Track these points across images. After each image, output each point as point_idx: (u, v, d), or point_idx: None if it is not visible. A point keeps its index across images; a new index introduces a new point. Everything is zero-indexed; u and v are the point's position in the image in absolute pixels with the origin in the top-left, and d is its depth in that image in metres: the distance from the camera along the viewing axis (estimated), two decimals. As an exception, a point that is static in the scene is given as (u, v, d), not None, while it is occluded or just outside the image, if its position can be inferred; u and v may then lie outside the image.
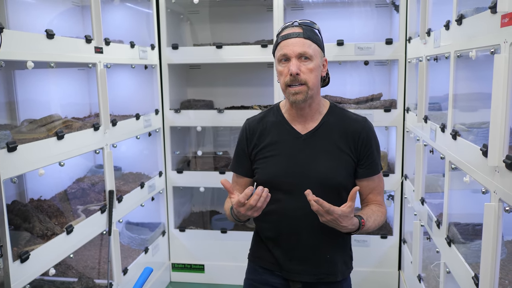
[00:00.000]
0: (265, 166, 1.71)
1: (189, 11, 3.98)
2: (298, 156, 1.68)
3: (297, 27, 1.64)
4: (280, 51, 1.62)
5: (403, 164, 3.43)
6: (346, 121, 1.72)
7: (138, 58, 3.21)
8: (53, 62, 2.22)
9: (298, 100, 1.61)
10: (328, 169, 1.66)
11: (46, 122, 2.43)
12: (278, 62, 1.64)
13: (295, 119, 1.72)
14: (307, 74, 1.59)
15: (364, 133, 1.70)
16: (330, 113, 1.73)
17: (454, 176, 2.15)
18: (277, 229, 1.72)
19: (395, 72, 3.52)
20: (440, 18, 2.42)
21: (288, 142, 1.70)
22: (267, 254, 1.77)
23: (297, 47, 1.59)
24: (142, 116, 3.28)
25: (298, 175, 1.67)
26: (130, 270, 3.02)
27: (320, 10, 3.84)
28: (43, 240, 2.22)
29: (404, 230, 3.48)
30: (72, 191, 2.93)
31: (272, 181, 1.66)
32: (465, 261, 1.89)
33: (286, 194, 1.67)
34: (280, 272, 1.75)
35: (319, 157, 1.67)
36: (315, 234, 1.68)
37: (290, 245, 1.71)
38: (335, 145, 1.68)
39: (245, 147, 1.78)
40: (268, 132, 1.74)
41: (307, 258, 1.71)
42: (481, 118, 2.00)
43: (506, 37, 1.46)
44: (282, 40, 1.63)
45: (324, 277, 1.72)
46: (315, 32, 1.66)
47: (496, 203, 1.51)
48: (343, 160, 1.68)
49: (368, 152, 1.70)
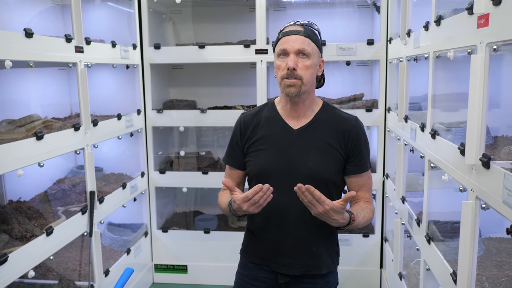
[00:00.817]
0: (256, 159, 1.77)
1: (172, 10, 3.96)
2: (289, 150, 1.74)
3: (298, 25, 1.72)
4: (280, 46, 1.70)
5: (384, 164, 3.47)
6: (337, 119, 1.78)
7: (119, 58, 3.19)
8: (32, 62, 2.19)
9: (291, 92, 1.68)
10: (317, 164, 1.72)
11: (25, 122, 2.39)
12: (277, 57, 1.72)
13: (288, 114, 1.78)
14: (303, 70, 1.67)
15: (354, 131, 1.76)
16: (323, 111, 1.79)
17: (433, 175, 2.19)
18: (267, 221, 1.78)
19: (377, 73, 3.55)
20: (420, 19, 2.45)
21: (280, 137, 1.76)
22: (257, 249, 1.84)
23: (297, 44, 1.67)
24: (124, 116, 3.26)
25: (288, 168, 1.72)
26: (112, 271, 2.99)
27: (302, 11, 3.86)
28: (22, 242, 2.19)
29: (386, 228, 3.52)
30: (53, 192, 2.89)
31: (262, 174, 1.73)
32: (444, 258, 1.92)
33: (275, 187, 1.69)
34: (268, 265, 1.80)
35: (309, 152, 1.73)
36: (302, 227, 1.74)
37: (279, 238, 1.77)
38: (325, 142, 1.74)
39: (238, 140, 1.84)
40: (262, 126, 1.80)
41: (294, 251, 1.77)
42: (459, 118, 2.03)
43: (482, 37, 1.49)
44: (283, 36, 1.71)
45: (309, 269, 1.78)
46: (315, 32, 1.74)
47: (473, 200, 1.54)
48: (333, 156, 1.74)
49: (358, 150, 1.76)
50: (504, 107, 2.07)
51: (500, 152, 1.64)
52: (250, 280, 1.85)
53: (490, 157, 1.43)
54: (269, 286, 1.83)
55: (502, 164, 1.45)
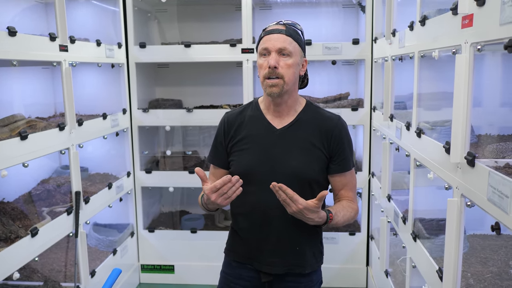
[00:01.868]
0: (239, 158, 1.78)
1: (157, 9, 3.94)
2: (272, 149, 1.74)
3: (281, 25, 1.72)
4: (262, 45, 1.70)
5: (370, 162, 3.50)
6: (320, 118, 1.78)
7: (104, 57, 3.16)
8: (15, 60, 2.16)
9: (273, 93, 1.68)
10: (300, 163, 1.72)
11: (8, 122, 2.35)
12: (259, 56, 1.72)
13: (272, 113, 1.79)
14: (284, 69, 1.67)
15: (337, 130, 1.76)
16: (306, 110, 1.80)
17: (419, 173, 2.21)
18: (250, 220, 1.79)
19: (362, 72, 3.58)
20: (404, 19, 2.48)
21: (263, 136, 1.77)
22: (241, 247, 1.84)
23: (278, 42, 1.67)
24: (109, 115, 3.23)
25: (271, 168, 1.73)
26: (98, 272, 2.96)
27: (288, 10, 3.87)
28: (6, 243, 2.15)
29: (372, 226, 3.55)
30: (37, 193, 2.86)
31: (246, 173, 1.70)
32: (429, 256, 1.95)
33: (259, 186, 1.72)
34: (252, 264, 1.81)
35: (292, 151, 1.74)
36: (285, 226, 1.74)
37: (262, 237, 1.78)
38: (308, 141, 1.74)
39: (222, 139, 1.84)
40: (245, 126, 1.80)
41: (277, 249, 1.77)
42: (444, 117, 2.06)
43: (466, 37, 1.51)
44: (265, 35, 1.71)
45: (292, 268, 1.78)
46: (298, 32, 1.74)
47: (459, 198, 1.56)
48: (316, 156, 1.74)
49: (340, 149, 1.76)
50: (485, 106, 2.10)
51: (484, 150, 1.66)
52: (234, 279, 1.86)
53: (475, 156, 1.46)
54: (253, 285, 1.84)
55: (487, 162, 1.47)
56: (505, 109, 2.15)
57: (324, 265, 1.94)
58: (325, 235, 3.56)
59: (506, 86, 2.14)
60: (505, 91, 2.13)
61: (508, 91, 2.13)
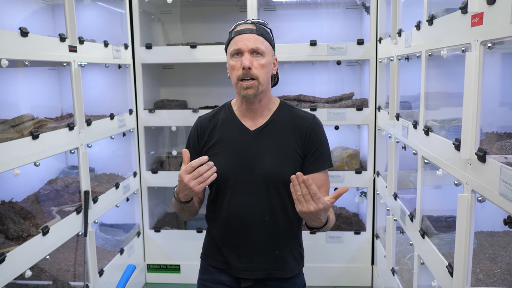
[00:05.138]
0: (213, 163, 1.62)
1: (161, 11, 3.96)
2: (246, 152, 1.69)
3: (250, 24, 1.68)
4: (234, 45, 1.64)
5: (375, 161, 3.52)
6: (294, 118, 1.74)
7: (111, 58, 3.18)
8: (27, 61, 2.18)
9: (249, 95, 1.64)
10: (274, 165, 1.67)
11: (19, 122, 2.37)
12: (230, 57, 1.66)
13: (245, 115, 1.74)
14: (258, 70, 1.63)
15: (311, 129, 1.71)
16: (280, 110, 1.76)
17: (426, 171, 2.23)
18: (226, 226, 1.72)
19: (366, 72, 3.61)
20: (409, 19, 2.50)
21: (236, 139, 1.71)
22: (218, 253, 1.77)
23: (250, 42, 1.62)
24: (116, 116, 3.25)
25: (246, 170, 1.67)
26: (106, 271, 2.98)
27: (292, 11, 3.90)
28: (18, 242, 2.17)
29: (377, 225, 3.57)
30: (45, 193, 2.88)
31: (220, 177, 1.62)
32: (438, 252, 1.97)
33: (234, 190, 1.68)
34: (230, 271, 1.74)
35: (266, 153, 1.68)
36: (263, 230, 1.68)
37: (239, 243, 1.71)
38: (282, 141, 1.70)
39: (196, 144, 1.78)
40: (219, 129, 1.75)
41: (255, 255, 1.71)
42: (451, 115, 2.09)
43: (476, 36, 1.53)
44: (236, 35, 1.66)
45: (273, 272, 1.72)
46: (267, 31, 1.71)
47: (469, 194, 1.59)
48: (290, 157, 1.69)
49: (315, 148, 1.71)
50: (489, 104, 2.13)
51: (492, 147, 1.69)
52: (213, 284, 1.78)
53: (486, 151, 1.48)
54: None
55: (497, 158, 1.50)
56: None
57: (329, 264, 1.94)
58: (330, 234, 3.59)
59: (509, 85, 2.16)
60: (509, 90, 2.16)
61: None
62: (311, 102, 3.59)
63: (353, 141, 3.93)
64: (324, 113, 3.46)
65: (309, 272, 3.63)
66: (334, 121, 3.49)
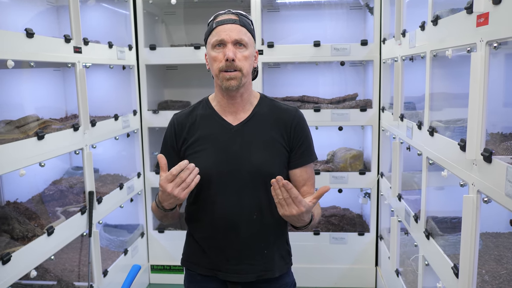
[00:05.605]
0: (194, 161, 1.53)
1: (165, 12, 3.97)
2: (230, 148, 1.62)
3: (232, 14, 1.62)
4: (216, 36, 1.58)
5: (379, 162, 3.52)
6: (277, 111, 1.69)
7: (116, 59, 3.19)
8: (33, 62, 2.19)
9: (232, 86, 1.57)
10: (261, 160, 1.61)
11: (24, 122, 2.38)
12: (212, 48, 1.59)
13: (226, 110, 1.67)
14: (242, 61, 1.57)
15: (295, 122, 1.67)
16: (261, 103, 1.70)
17: (431, 172, 2.23)
18: (212, 227, 1.64)
19: (370, 73, 3.60)
20: (413, 20, 2.50)
21: (218, 135, 1.64)
22: (203, 258, 1.69)
23: (234, 33, 1.57)
24: (121, 117, 3.26)
25: (230, 168, 1.60)
26: (110, 272, 2.99)
27: (296, 12, 3.90)
28: (24, 242, 2.18)
29: (381, 226, 3.56)
30: (50, 193, 2.89)
31: (203, 176, 1.52)
32: (443, 253, 1.96)
33: (219, 190, 1.61)
34: (217, 275, 1.67)
35: (251, 148, 1.62)
36: (251, 229, 1.62)
37: (226, 244, 1.64)
38: (267, 135, 1.64)
39: (174, 143, 1.70)
40: (198, 126, 1.67)
41: (244, 256, 1.64)
42: (456, 115, 2.08)
43: (482, 36, 1.53)
44: (218, 25, 1.59)
45: (262, 274, 1.66)
46: (249, 22, 1.65)
47: (475, 194, 1.58)
48: (276, 150, 1.64)
49: (300, 142, 1.67)
50: (494, 105, 2.12)
51: (498, 148, 1.68)
52: None
53: (492, 152, 1.48)
54: None
55: (502, 159, 1.49)
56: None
57: (333, 265, 1.94)
58: (334, 235, 3.58)
59: None
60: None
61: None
62: (315, 103, 3.59)
63: (357, 142, 3.93)
64: (328, 114, 3.46)
65: (312, 273, 3.65)
66: (338, 121, 3.48)
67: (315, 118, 3.47)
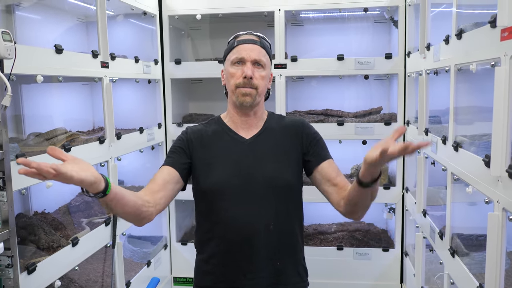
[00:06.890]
0: (207, 174, 1.60)
1: (191, 27, 4.04)
2: (243, 160, 1.65)
3: (253, 35, 1.72)
4: (236, 54, 1.66)
5: (403, 177, 3.46)
6: (286, 124, 1.75)
7: (142, 73, 3.26)
8: (61, 77, 2.26)
9: (246, 102, 1.63)
10: (274, 170, 1.64)
11: (53, 135, 2.45)
12: (231, 64, 1.67)
13: (238, 126, 1.71)
14: (259, 80, 1.64)
15: (305, 127, 1.74)
16: (270, 119, 1.77)
17: (456, 188, 2.18)
18: (227, 242, 1.62)
19: (395, 86, 3.57)
20: (438, 34, 2.47)
21: (232, 148, 1.67)
22: (220, 278, 1.65)
23: (254, 53, 1.65)
24: (146, 129, 3.31)
25: (245, 179, 1.62)
26: (132, 283, 3.01)
27: (320, 26, 3.91)
28: (49, 252, 2.23)
29: (406, 242, 3.49)
30: (76, 204, 2.95)
31: (216, 188, 1.59)
32: (469, 272, 1.91)
33: (233, 201, 1.61)
34: None
35: (264, 159, 1.65)
36: (268, 240, 1.61)
37: (243, 257, 1.62)
38: (279, 146, 1.69)
39: (185, 145, 1.69)
40: (211, 140, 1.69)
41: (260, 269, 1.62)
42: (481, 130, 2.04)
43: (506, 50, 1.50)
44: (239, 44, 1.68)
45: (275, 287, 1.65)
46: (268, 45, 1.74)
47: (500, 212, 1.54)
48: (290, 159, 1.68)
49: (315, 140, 1.72)
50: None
51: (524, 164, 1.64)
52: None
53: (517, 168, 1.44)
54: None
55: (528, 175, 1.45)
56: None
57: (357, 281, 1.92)
58: (357, 251, 3.53)
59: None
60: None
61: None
62: (338, 116, 3.57)
63: (382, 156, 3.87)
64: (352, 127, 3.44)
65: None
66: (362, 135, 3.45)
67: (338, 132, 3.45)
